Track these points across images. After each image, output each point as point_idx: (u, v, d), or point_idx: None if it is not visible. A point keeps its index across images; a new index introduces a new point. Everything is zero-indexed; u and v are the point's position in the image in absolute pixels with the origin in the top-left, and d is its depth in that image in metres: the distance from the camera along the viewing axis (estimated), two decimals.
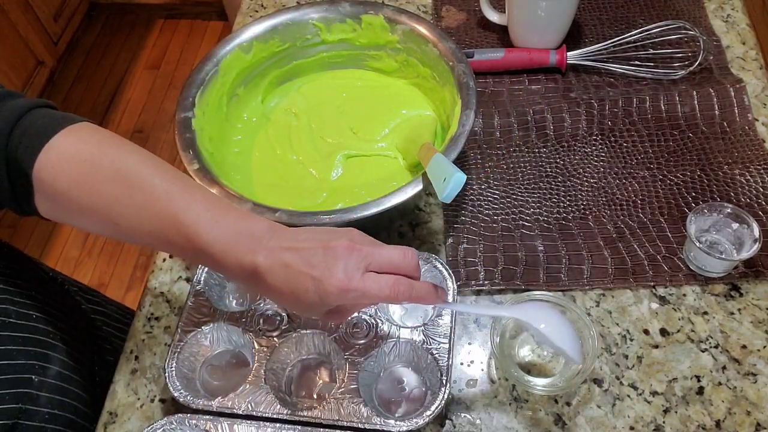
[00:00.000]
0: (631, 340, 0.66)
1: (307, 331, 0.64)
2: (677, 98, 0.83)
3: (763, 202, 0.74)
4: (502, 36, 0.94)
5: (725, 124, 0.81)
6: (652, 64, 0.86)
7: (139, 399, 0.66)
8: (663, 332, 0.67)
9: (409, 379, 0.64)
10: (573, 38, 0.91)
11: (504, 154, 0.81)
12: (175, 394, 0.60)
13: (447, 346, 0.62)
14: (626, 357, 0.65)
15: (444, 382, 0.60)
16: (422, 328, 0.64)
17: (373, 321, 0.64)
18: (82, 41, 2.43)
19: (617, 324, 0.68)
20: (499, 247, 0.73)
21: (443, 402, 0.59)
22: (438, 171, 0.62)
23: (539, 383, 0.63)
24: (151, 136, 2.16)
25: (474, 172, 0.80)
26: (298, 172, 0.77)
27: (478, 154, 0.81)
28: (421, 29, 0.78)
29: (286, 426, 0.59)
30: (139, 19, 2.50)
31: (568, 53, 0.87)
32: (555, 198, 0.77)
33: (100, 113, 2.23)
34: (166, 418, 0.60)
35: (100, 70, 2.36)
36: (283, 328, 0.65)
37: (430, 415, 0.58)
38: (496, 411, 0.63)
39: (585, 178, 0.78)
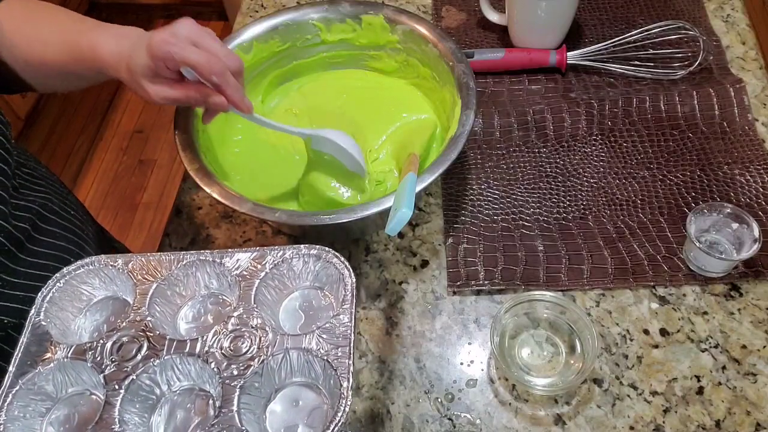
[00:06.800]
0: (631, 340, 0.66)
1: (174, 356, 0.50)
2: (677, 98, 0.83)
3: (763, 202, 0.74)
4: (502, 36, 0.94)
5: (725, 124, 0.81)
6: (652, 64, 0.86)
7: None
8: (663, 332, 0.67)
9: (306, 397, 0.51)
10: (573, 38, 0.91)
11: (504, 154, 0.81)
12: None
13: (347, 348, 0.49)
14: (626, 357, 0.65)
15: (344, 393, 0.47)
16: (317, 331, 0.51)
17: (254, 332, 0.51)
18: None
19: (617, 324, 0.68)
20: (499, 247, 0.73)
21: (343, 417, 0.46)
22: (398, 196, 0.59)
23: (539, 383, 0.63)
24: (151, 136, 2.16)
25: (474, 172, 0.80)
26: (299, 173, 0.77)
27: (478, 154, 0.81)
28: (421, 29, 0.78)
29: None
30: (139, 19, 2.50)
31: (568, 53, 0.87)
32: (555, 198, 0.77)
33: (100, 113, 2.23)
34: None
35: None
36: (143, 355, 0.50)
37: None
38: (496, 411, 0.63)
39: (585, 178, 0.78)
